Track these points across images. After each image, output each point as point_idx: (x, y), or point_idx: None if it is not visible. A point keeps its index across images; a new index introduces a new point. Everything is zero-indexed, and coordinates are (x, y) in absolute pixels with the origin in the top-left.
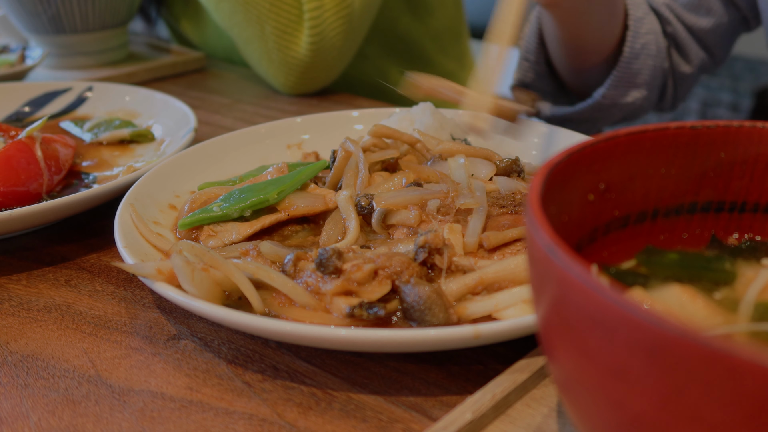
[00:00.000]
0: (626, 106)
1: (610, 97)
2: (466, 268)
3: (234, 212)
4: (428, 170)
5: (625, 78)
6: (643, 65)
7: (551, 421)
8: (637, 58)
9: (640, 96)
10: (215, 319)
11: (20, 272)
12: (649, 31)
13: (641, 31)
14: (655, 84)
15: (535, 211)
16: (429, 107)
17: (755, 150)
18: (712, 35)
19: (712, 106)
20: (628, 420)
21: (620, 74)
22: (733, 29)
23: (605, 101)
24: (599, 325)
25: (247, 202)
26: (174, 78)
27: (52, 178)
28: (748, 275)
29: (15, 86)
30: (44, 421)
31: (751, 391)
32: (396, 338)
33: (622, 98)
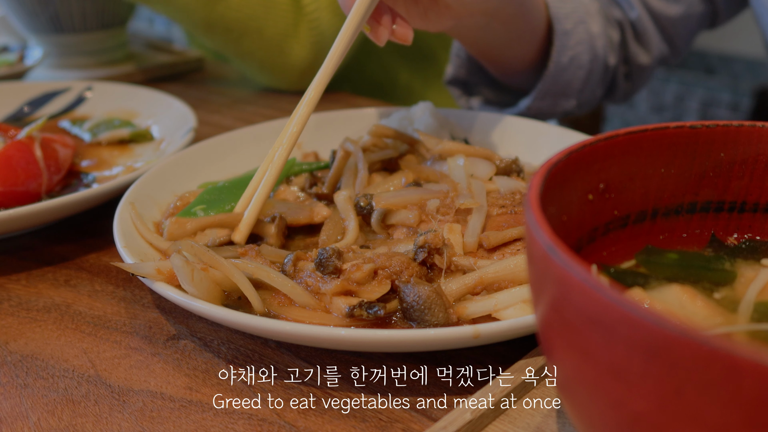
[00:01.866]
0: (556, 114)
1: (535, 107)
2: (465, 268)
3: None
4: (428, 170)
5: (552, 91)
6: (573, 77)
7: (551, 421)
8: (565, 70)
9: (569, 105)
10: (215, 319)
11: (20, 272)
12: (580, 42)
13: (569, 44)
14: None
15: (534, 211)
16: (429, 107)
17: (755, 150)
18: (677, 25)
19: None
20: (627, 420)
21: (545, 88)
22: (700, 23)
23: (530, 112)
24: (599, 324)
25: (226, 207)
26: (173, 78)
27: (52, 178)
28: (747, 275)
29: (14, 86)
30: (44, 421)
31: (750, 391)
32: (395, 338)
33: (550, 108)
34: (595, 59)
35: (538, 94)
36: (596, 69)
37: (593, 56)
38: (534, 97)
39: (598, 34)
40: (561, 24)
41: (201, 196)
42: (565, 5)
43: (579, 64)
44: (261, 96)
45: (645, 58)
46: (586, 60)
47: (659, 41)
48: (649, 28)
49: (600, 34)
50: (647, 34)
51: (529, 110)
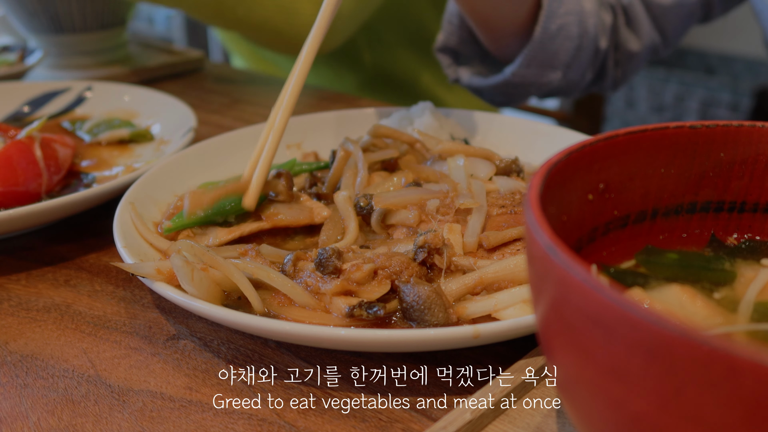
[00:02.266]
0: (542, 86)
1: (520, 75)
2: (465, 268)
3: (216, 217)
4: (428, 170)
5: (539, 58)
6: (561, 47)
7: (551, 421)
8: (552, 39)
9: (556, 77)
10: (215, 319)
11: (19, 272)
12: (569, 12)
13: (559, 11)
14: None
15: (534, 211)
16: (429, 107)
17: (755, 150)
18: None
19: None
20: (627, 420)
21: (532, 54)
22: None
23: (515, 79)
24: (599, 324)
25: (227, 208)
26: (173, 78)
27: (52, 178)
28: (747, 275)
29: (14, 86)
30: (43, 421)
31: (750, 391)
32: (395, 338)
33: (536, 78)
34: (585, 35)
35: (524, 60)
36: (587, 46)
37: (583, 31)
38: (520, 63)
39: (590, 11)
40: None
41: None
42: None
43: (567, 35)
44: (261, 96)
45: (635, 45)
46: (575, 33)
47: (650, 29)
48: (640, 14)
49: (592, 12)
50: (638, 20)
51: (513, 77)
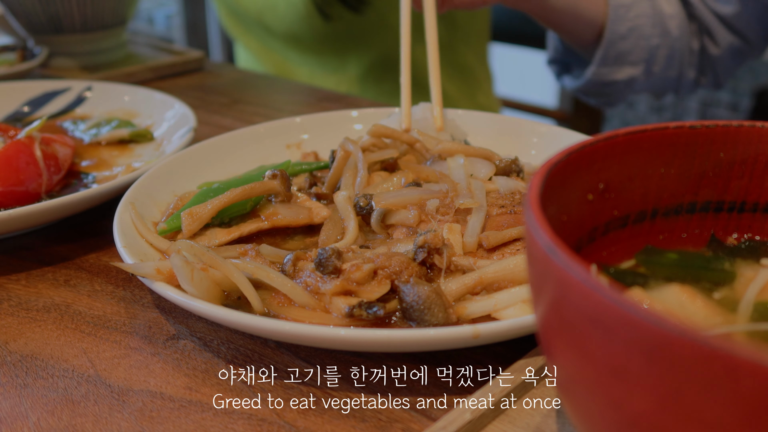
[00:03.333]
0: (629, 83)
1: (599, 74)
2: (465, 268)
3: (215, 219)
4: (427, 170)
5: (612, 57)
6: (635, 45)
7: (550, 421)
8: (624, 38)
9: (636, 72)
10: (214, 318)
11: (19, 272)
12: (640, 15)
13: (628, 15)
14: (669, 64)
15: (534, 211)
16: (429, 107)
17: (754, 150)
18: (738, 21)
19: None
20: (627, 420)
21: (605, 53)
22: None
23: (596, 78)
24: (598, 324)
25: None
26: (173, 78)
27: (51, 177)
28: (747, 275)
29: (14, 86)
30: (43, 421)
31: (750, 391)
32: (395, 338)
33: (614, 75)
34: (666, 35)
35: (599, 60)
36: (671, 45)
37: (663, 31)
38: (596, 62)
39: (671, 14)
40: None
41: (195, 198)
42: None
43: (641, 34)
44: (261, 96)
45: (714, 50)
46: (652, 33)
47: (726, 33)
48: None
49: (673, 14)
50: (712, 29)
51: (594, 75)
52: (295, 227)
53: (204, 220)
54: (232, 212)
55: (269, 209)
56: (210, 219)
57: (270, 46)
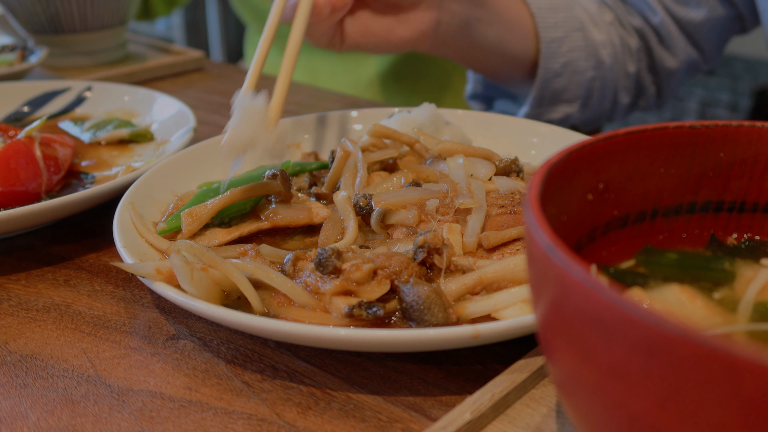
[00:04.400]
0: (559, 122)
1: (533, 115)
2: (465, 268)
3: (214, 219)
4: (427, 170)
5: (548, 97)
6: (570, 81)
7: (550, 421)
8: (558, 76)
9: (570, 110)
10: (214, 318)
11: (19, 272)
12: (573, 48)
13: (561, 50)
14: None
15: (534, 211)
16: (429, 108)
17: (754, 150)
18: (702, 30)
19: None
20: (627, 420)
21: (539, 94)
22: (727, 27)
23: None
24: (598, 324)
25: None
26: (173, 78)
27: (51, 177)
28: (747, 275)
29: (14, 86)
30: (43, 421)
31: (749, 391)
32: (395, 338)
33: (549, 115)
34: (600, 66)
35: (533, 101)
36: (606, 76)
37: (597, 63)
38: (530, 104)
39: (603, 42)
40: (548, 32)
41: (195, 198)
42: (555, 15)
43: (575, 70)
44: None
45: (672, 62)
46: (586, 66)
47: (685, 45)
48: (673, 32)
49: (605, 42)
50: (671, 38)
51: (528, 117)
52: (295, 227)
53: (204, 220)
54: (232, 212)
55: (269, 209)
56: (210, 219)
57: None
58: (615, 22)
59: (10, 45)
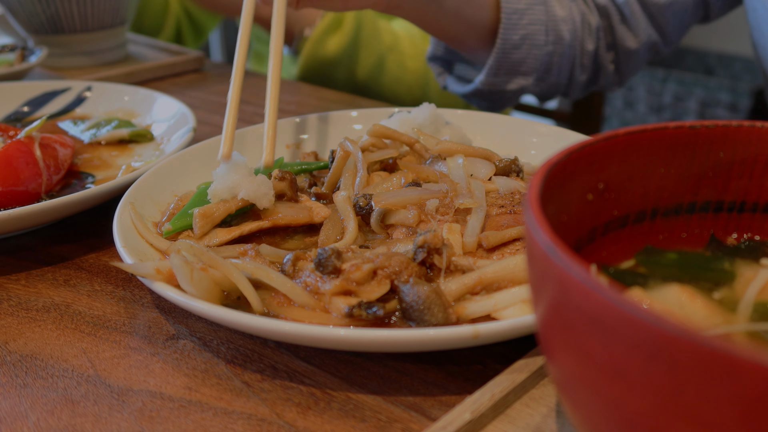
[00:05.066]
0: (517, 92)
1: (489, 83)
2: (465, 268)
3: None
4: (427, 170)
5: (505, 67)
6: (528, 54)
7: (550, 420)
8: (516, 48)
9: (526, 83)
10: (214, 318)
11: (19, 272)
12: (533, 22)
13: (521, 23)
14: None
15: (534, 211)
16: (429, 108)
17: (754, 150)
18: (665, 12)
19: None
20: (627, 420)
21: (497, 63)
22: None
23: (485, 87)
24: (598, 324)
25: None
26: (173, 78)
27: (51, 177)
28: (747, 275)
29: (14, 86)
30: (43, 421)
31: (750, 391)
32: (395, 338)
33: (505, 85)
34: (559, 41)
35: (489, 70)
36: (564, 51)
37: (556, 38)
38: (486, 72)
39: (564, 18)
40: (510, 3)
41: (194, 199)
42: None
43: (534, 43)
44: (261, 96)
45: (632, 42)
46: (545, 40)
47: (647, 26)
48: (636, 12)
49: (566, 18)
50: (634, 18)
51: (483, 85)
52: (295, 227)
53: (216, 221)
54: (234, 211)
55: (270, 208)
56: (221, 220)
57: None
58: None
59: (10, 45)
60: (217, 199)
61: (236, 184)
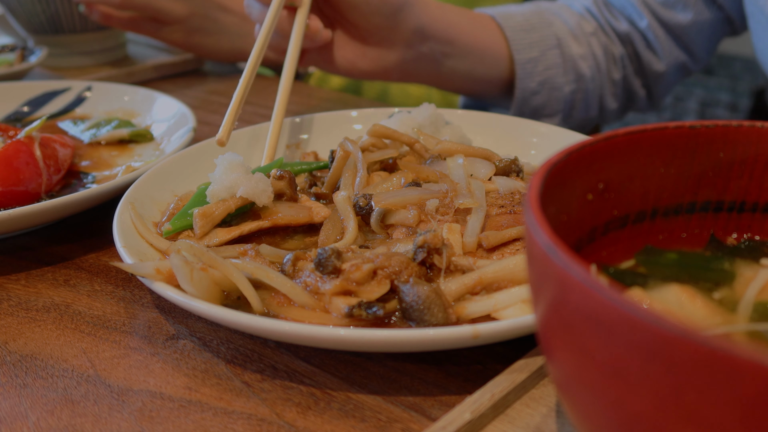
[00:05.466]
0: None
1: None
2: (465, 268)
3: None
4: (427, 170)
5: (527, 112)
6: (549, 98)
7: (550, 420)
8: (536, 94)
9: (554, 121)
10: (214, 318)
11: (19, 272)
12: (550, 66)
13: (537, 70)
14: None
15: (534, 211)
16: (429, 108)
17: (754, 150)
18: (690, 32)
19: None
20: (627, 420)
21: (518, 111)
22: (715, 29)
23: None
24: (598, 324)
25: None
26: (173, 78)
27: (51, 177)
28: (746, 275)
29: (14, 86)
30: (43, 421)
31: (749, 391)
32: (395, 338)
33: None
34: (581, 79)
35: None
36: (588, 88)
37: (577, 76)
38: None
39: (583, 54)
40: (523, 54)
41: (194, 199)
42: (530, 35)
43: (554, 86)
44: (261, 96)
45: (659, 66)
46: (564, 81)
47: (673, 48)
48: (660, 36)
49: (585, 54)
50: (659, 42)
51: None
52: (295, 227)
53: (216, 221)
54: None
55: (270, 208)
56: (221, 219)
57: None
58: (597, 31)
59: (9, 45)
60: (216, 199)
61: (234, 182)
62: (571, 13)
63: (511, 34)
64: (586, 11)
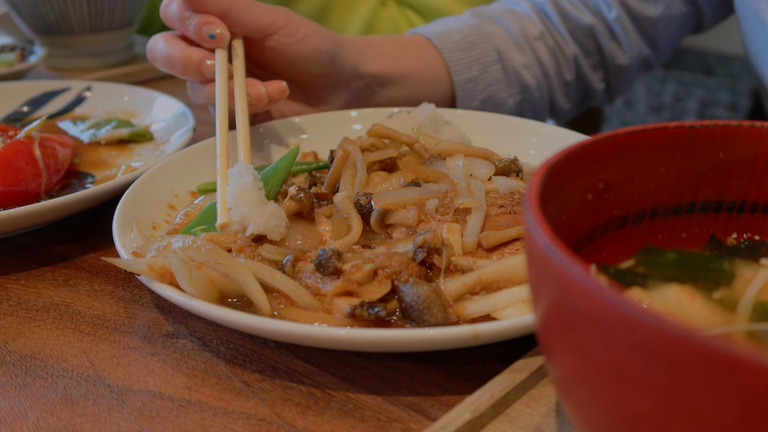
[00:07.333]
0: None
1: None
2: (464, 268)
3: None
4: (427, 170)
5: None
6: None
7: (550, 420)
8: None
9: None
10: (214, 318)
11: (19, 272)
12: (491, 83)
13: (478, 88)
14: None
15: (533, 211)
16: (429, 108)
17: (754, 149)
18: (657, 26)
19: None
20: (627, 420)
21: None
22: (683, 24)
23: None
24: (598, 324)
25: None
26: (173, 78)
27: (51, 177)
28: (746, 275)
29: (14, 86)
30: (42, 421)
31: (749, 391)
32: (394, 338)
33: None
34: (526, 89)
35: None
36: (535, 95)
37: (521, 87)
38: None
39: (526, 64)
40: (462, 75)
41: (200, 217)
42: (468, 54)
43: (497, 102)
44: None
45: (623, 59)
46: (508, 94)
47: (639, 41)
48: (627, 28)
49: (529, 63)
50: (626, 34)
51: None
52: None
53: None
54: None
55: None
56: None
57: None
58: (544, 34)
59: (9, 45)
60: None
61: (245, 217)
62: (514, 18)
63: (448, 56)
64: (533, 11)
